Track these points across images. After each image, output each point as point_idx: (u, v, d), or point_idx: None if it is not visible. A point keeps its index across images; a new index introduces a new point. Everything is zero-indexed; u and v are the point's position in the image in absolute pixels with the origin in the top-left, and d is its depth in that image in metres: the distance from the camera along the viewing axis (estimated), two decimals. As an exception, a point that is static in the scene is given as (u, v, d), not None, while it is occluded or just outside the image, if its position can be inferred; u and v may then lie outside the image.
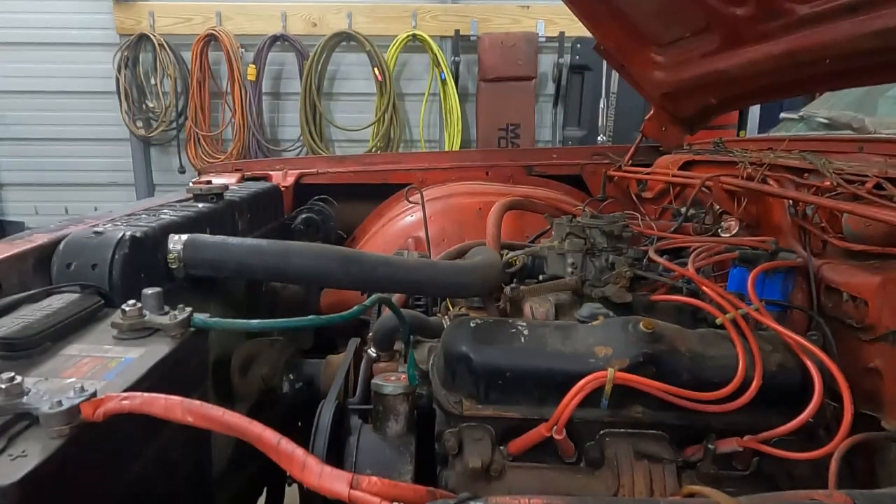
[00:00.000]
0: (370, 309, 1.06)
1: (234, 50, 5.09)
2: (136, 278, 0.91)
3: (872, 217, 1.01)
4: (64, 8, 5.14)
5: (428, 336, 1.20)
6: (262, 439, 0.54)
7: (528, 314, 1.13)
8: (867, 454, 0.93)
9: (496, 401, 0.88)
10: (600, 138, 5.06)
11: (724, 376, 0.85)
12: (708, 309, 0.99)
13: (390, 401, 0.94)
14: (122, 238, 0.90)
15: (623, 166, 2.08)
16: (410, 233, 1.83)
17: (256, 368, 1.20)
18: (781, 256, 1.12)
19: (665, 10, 1.68)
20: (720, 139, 1.93)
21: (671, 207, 1.79)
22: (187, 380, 0.78)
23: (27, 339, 0.69)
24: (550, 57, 5.43)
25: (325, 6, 5.30)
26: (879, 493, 0.57)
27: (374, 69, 5.24)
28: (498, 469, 0.85)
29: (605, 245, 1.18)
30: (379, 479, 0.51)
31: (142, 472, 0.69)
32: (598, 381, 0.80)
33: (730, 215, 1.52)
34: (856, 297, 0.99)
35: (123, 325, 0.75)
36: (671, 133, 2.10)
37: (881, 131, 1.84)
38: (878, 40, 1.17)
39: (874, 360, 0.95)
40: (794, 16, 1.32)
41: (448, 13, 5.40)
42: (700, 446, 0.85)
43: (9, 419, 0.55)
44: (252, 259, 1.00)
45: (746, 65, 1.53)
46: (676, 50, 1.77)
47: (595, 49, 2.00)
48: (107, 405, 0.56)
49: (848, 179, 1.19)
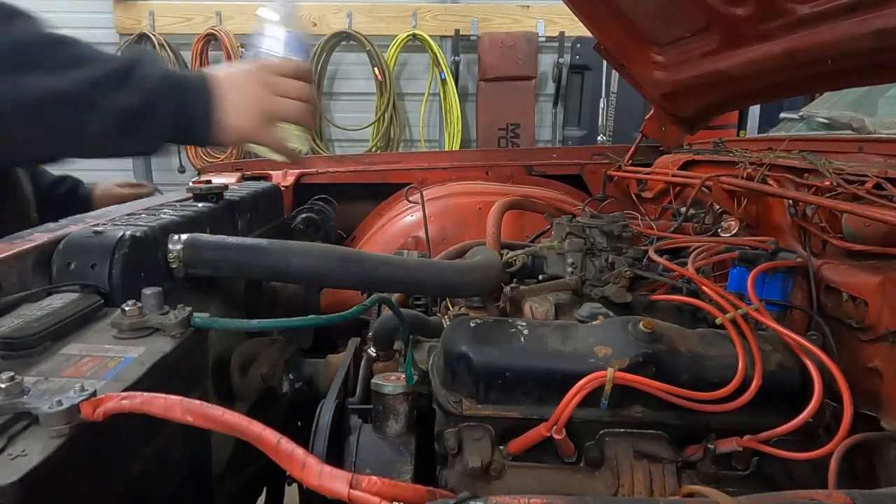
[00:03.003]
0: (370, 309, 1.06)
1: (234, 49, 5.09)
2: (136, 278, 0.90)
3: (872, 217, 1.01)
4: (64, 7, 5.14)
5: (428, 336, 1.20)
6: (261, 439, 0.54)
7: (527, 314, 1.13)
8: (867, 454, 0.93)
9: (496, 400, 0.88)
10: (600, 138, 5.07)
11: (724, 376, 0.85)
12: (708, 309, 0.99)
13: (390, 400, 0.94)
14: (122, 237, 0.90)
15: (623, 166, 2.08)
16: (410, 233, 1.83)
17: (256, 368, 1.20)
18: (781, 256, 1.12)
19: (665, 10, 1.68)
20: (720, 139, 1.93)
21: (671, 207, 1.79)
22: (187, 379, 0.78)
23: (27, 339, 0.69)
24: (550, 57, 5.43)
25: (324, 6, 5.30)
26: (879, 493, 0.57)
27: (374, 69, 5.25)
28: (498, 469, 0.85)
29: (605, 245, 1.18)
30: (379, 478, 0.51)
31: (141, 471, 0.69)
32: (597, 380, 0.80)
33: (730, 215, 1.52)
34: (856, 297, 0.99)
35: (123, 324, 0.75)
36: (671, 133, 2.10)
37: (881, 131, 1.84)
38: (878, 40, 1.17)
39: (874, 360, 0.95)
40: (794, 16, 1.32)
41: (448, 13, 5.41)
42: (700, 446, 0.85)
43: (8, 418, 0.55)
44: (252, 259, 0.99)
45: (746, 65, 1.53)
46: (676, 50, 1.77)
47: (595, 49, 2.00)
48: (106, 404, 0.56)
49: (848, 179, 1.19)
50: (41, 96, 0.76)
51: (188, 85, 0.85)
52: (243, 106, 0.88)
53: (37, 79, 0.75)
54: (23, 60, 0.75)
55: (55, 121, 0.77)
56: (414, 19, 5.32)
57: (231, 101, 0.86)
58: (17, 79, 0.74)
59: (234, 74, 0.90)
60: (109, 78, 0.79)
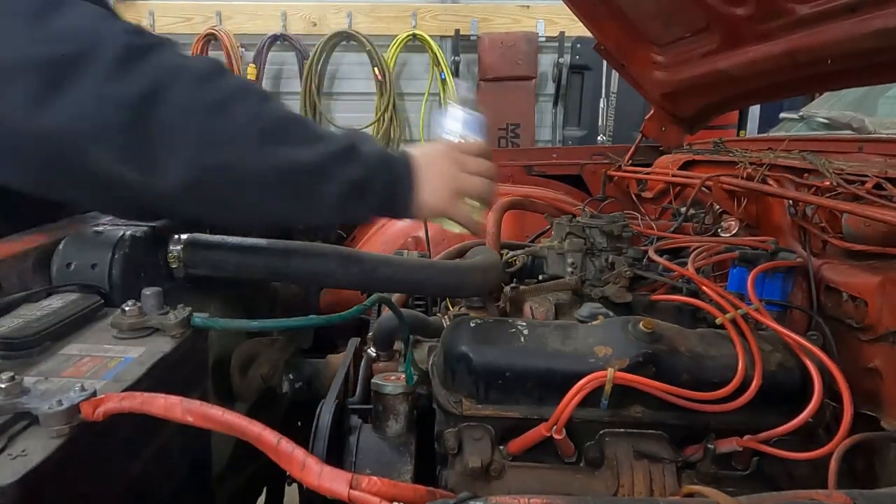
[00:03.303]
0: (370, 309, 1.06)
1: (234, 49, 5.09)
2: (136, 278, 0.90)
3: (872, 217, 1.01)
4: (64, 7, 5.13)
5: (428, 336, 1.20)
6: (261, 439, 0.54)
7: (528, 314, 1.13)
8: (867, 454, 0.93)
9: (496, 400, 0.88)
10: (600, 138, 5.06)
11: (724, 376, 0.85)
12: (708, 309, 0.99)
13: (390, 400, 0.94)
14: (122, 237, 0.90)
15: (623, 166, 2.08)
16: (410, 233, 1.83)
17: (256, 368, 1.20)
18: (781, 256, 1.12)
19: (665, 10, 1.68)
20: (720, 139, 1.93)
21: (671, 207, 1.79)
22: (187, 379, 0.78)
23: (27, 339, 0.69)
24: (550, 57, 5.42)
25: (325, 6, 5.29)
26: (879, 493, 0.57)
27: (374, 69, 5.24)
28: (498, 469, 0.85)
29: (605, 245, 1.18)
30: (379, 478, 0.51)
31: (141, 471, 0.69)
32: (597, 380, 0.80)
33: (730, 215, 1.53)
34: (856, 297, 0.99)
35: (123, 324, 0.75)
36: (671, 133, 2.10)
37: (881, 131, 1.84)
38: (878, 40, 1.17)
39: (874, 360, 0.95)
40: (794, 16, 1.32)
41: (448, 13, 5.40)
42: (700, 446, 0.85)
43: (8, 418, 0.55)
44: (252, 258, 1.00)
45: (746, 65, 1.53)
46: (676, 50, 1.77)
47: (595, 49, 2.00)
48: (106, 404, 0.56)
49: (848, 179, 1.19)
50: (292, 166, 0.83)
51: (396, 163, 0.94)
52: (438, 184, 0.95)
53: (289, 151, 0.83)
54: (279, 134, 0.83)
55: (300, 189, 0.85)
56: (414, 19, 5.32)
57: (427, 180, 0.94)
58: (272, 150, 0.82)
59: (429, 154, 0.98)
60: (343, 152, 0.87)
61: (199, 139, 0.78)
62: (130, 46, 0.76)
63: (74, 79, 0.73)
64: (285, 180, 0.83)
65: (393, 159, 0.93)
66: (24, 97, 0.72)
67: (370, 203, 0.91)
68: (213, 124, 0.79)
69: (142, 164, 0.77)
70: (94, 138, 0.74)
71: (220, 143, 0.79)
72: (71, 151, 0.75)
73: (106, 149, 0.75)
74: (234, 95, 0.81)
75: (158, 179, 0.77)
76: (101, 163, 0.76)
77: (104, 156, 0.75)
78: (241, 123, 0.80)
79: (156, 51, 0.78)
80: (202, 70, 0.80)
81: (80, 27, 0.77)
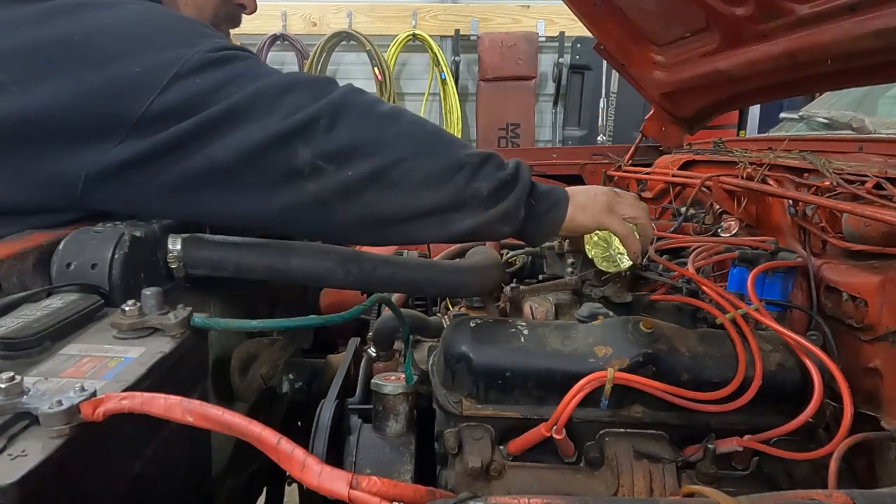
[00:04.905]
0: (370, 309, 1.06)
1: (233, 49, 5.08)
2: (136, 278, 0.90)
3: (872, 217, 1.01)
4: (64, 7, 5.13)
5: (428, 336, 1.20)
6: (261, 439, 0.54)
7: (528, 314, 1.13)
8: (867, 454, 0.93)
9: (496, 400, 0.88)
10: (600, 138, 5.07)
11: (724, 376, 0.85)
12: (708, 309, 0.99)
13: (390, 400, 0.94)
14: (122, 237, 0.90)
15: (623, 166, 2.08)
16: (410, 232, 1.82)
17: (256, 368, 1.20)
18: (781, 256, 1.12)
19: (665, 10, 1.68)
20: (720, 139, 1.93)
21: (671, 207, 1.79)
22: (187, 379, 0.78)
23: (27, 339, 0.69)
24: (550, 57, 5.43)
25: (325, 6, 5.30)
26: (879, 493, 0.57)
27: (374, 69, 5.24)
28: (498, 469, 0.85)
29: (605, 245, 1.17)
30: (379, 478, 0.51)
31: (142, 471, 0.69)
32: (597, 380, 0.80)
33: (730, 215, 1.53)
34: (856, 296, 0.99)
35: (123, 324, 0.75)
36: (671, 133, 2.10)
37: (881, 131, 1.84)
38: (878, 40, 1.17)
39: (874, 360, 0.95)
40: (794, 16, 1.32)
41: (448, 13, 5.40)
42: (700, 446, 0.85)
43: (8, 418, 0.54)
44: (252, 258, 0.99)
45: (746, 65, 1.53)
46: (676, 50, 1.77)
47: (595, 49, 2.00)
48: (106, 405, 0.56)
49: (848, 179, 1.19)
50: (455, 162, 0.93)
51: (543, 186, 1.01)
52: (591, 204, 1.02)
53: (450, 148, 0.94)
54: (440, 134, 0.96)
55: (455, 182, 0.93)
56: (414, 19, 5.32)
57: (579, 201, 1.01)
58: (438, 147, 0.93)
59: (584, 187, 1.07)
60: (487, 157, 0.96)
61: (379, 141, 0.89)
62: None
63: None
64: (444, 174, 0.92)
65: (540, 185, 1.01)
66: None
67: (517, 195, 0.95)
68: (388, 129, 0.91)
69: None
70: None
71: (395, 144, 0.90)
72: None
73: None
74: (395, 109, 0.94)
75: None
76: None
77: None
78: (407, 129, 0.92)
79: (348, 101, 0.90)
80: (367, 99, 0.93)
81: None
